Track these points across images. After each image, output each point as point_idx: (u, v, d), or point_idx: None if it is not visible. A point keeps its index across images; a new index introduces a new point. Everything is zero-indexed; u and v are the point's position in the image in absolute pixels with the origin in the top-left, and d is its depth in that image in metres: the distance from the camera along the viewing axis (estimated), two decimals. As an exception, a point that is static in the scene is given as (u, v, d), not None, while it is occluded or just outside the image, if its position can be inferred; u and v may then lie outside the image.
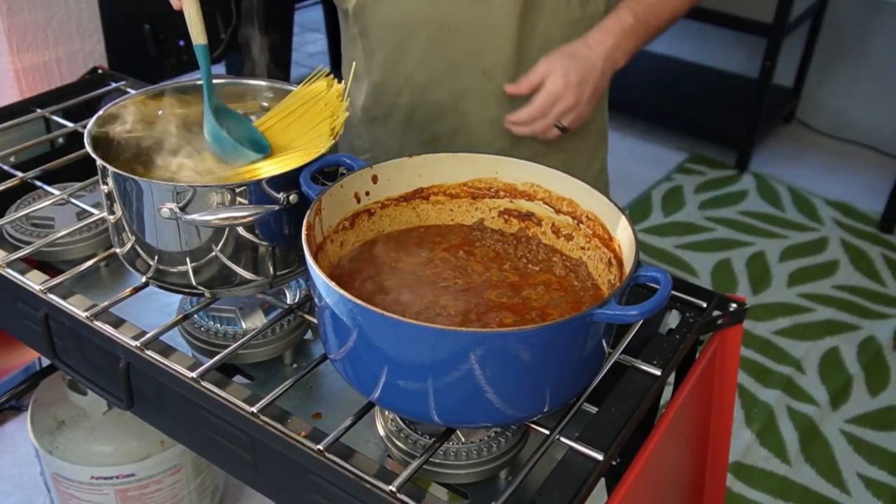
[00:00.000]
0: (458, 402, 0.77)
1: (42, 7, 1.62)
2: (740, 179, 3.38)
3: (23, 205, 1.23)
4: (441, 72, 1.22)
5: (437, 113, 1.25)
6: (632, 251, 0.82)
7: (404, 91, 1.25)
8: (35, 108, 1.38)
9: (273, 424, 0.83)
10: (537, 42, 1.20)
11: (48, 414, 1.54)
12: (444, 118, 1.26)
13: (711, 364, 1.05)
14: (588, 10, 1.21)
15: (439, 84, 1.23)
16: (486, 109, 1.24)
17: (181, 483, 1.60)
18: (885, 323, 2.63)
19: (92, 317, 0.95)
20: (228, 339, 0.99)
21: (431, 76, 1.23)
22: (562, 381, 0.79)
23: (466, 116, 1.25)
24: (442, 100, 1.24)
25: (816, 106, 3.71)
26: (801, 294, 2.74)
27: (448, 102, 1.24)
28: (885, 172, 3.40)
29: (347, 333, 0.77)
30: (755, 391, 2.34)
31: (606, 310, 0.73)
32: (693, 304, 1.03)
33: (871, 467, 2.13)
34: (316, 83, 1.02)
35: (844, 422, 2.27)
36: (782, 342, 2.53)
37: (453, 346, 0.72)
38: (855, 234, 3.07)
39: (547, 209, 0.96)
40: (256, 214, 0.88)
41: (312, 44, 4.31)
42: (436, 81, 1.23)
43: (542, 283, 0.91)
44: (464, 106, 1.24)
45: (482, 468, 0.86)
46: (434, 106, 1.24)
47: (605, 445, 0.82)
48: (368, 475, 0.78)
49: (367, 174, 0.93)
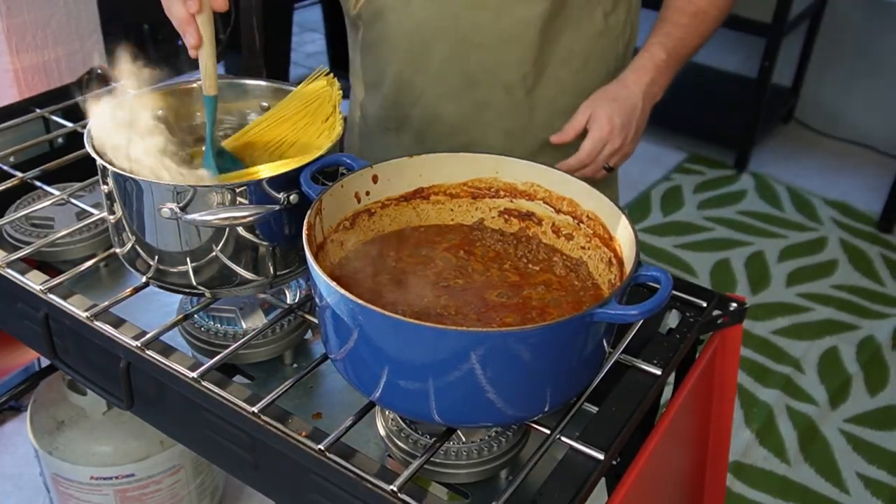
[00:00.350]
0: (458, 401, 0.77)
1: (41, 7, 1.62)
2: (739, 179, 3.38)
3: (22, 205, 1.23)
4: (458, 85, 1.19)
5: (451, 126, 1.23)
6: (632, 251, 0.82)
7: (419, 103, 1.23)
8: (34, 108, 1.38)
9: (274, 424, 0.83)
10: (559, 55, 1.19)
11: (48, 414, 1.54)
12: (459, 131, 1.23)
13: (711, 364, 1.05)
14: (610, 21, 1.20)
15: (456, 97, 1.20)
16: (503, 122, 1.22)
17: (181, 483, 1.60)
18: (884, 322, 2.63)
19: (92, 317, 0.95)
20: (229, 339, 0.99)
21: (448, 89, 1.20)
22: (562, 380, 0.79)
23: (483, 129, 1.23)
24: (458, 113, 1.22)
25: (815, 106, 3.71)
26: (800, 294, 2.75)
27: (464, 116, 1.22)
28: (883, 172, 3.40)
29: (348, 333, 0.77)
30: (754, 391, 2.34)
31: (607, 309, 0.73)
32: (693, 303, 1.03)
33: (871, 466, 2.14)
34: (316, 83, 1.02)
35: (843, 421, 2.27)
36: (781, 342, 2.53)
37: (454, 345, 0.72)
38: (854, 234, 3.07)
39: (547, 209, 0.96)
40: (257, 214, 0.88)
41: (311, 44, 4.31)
42: (452, 94, 1.20)
43: (543, 283, 0.91)
44: (481, 119, 1.22)
45: (483, 468, 0.86)
46: (449, 119, 1.22)
47: (606, 445, 0.82)
48: (369, 475, 0.78)
49: (367, 174, 0.93)
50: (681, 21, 1.19)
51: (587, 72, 1.22)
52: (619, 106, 1.15)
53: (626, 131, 1.16)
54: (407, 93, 1.23)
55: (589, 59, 1.21)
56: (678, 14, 1.20)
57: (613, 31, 1.21)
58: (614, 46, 1.24)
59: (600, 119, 1.15)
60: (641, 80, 1.17)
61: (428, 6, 1.15)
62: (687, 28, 1.19)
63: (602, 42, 1.20)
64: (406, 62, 1.20)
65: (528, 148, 1.23)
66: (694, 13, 1.19)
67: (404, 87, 1.22)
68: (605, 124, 1.14)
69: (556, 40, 1.17)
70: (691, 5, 1.19)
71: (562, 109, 1.22)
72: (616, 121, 1.14)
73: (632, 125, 1.16)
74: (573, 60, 1.18)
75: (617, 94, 1.16)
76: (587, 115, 1.16)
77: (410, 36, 1.18)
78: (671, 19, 1.20)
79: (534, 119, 1.20)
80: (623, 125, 1.15)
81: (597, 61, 1.22)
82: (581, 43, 1.19)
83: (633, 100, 1.16)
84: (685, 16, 1.19)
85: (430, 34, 1.17)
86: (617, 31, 1.22)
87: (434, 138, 1.25)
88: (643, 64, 1.18)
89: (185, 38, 0.92)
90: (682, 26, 1.19)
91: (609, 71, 1.24)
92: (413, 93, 1.22)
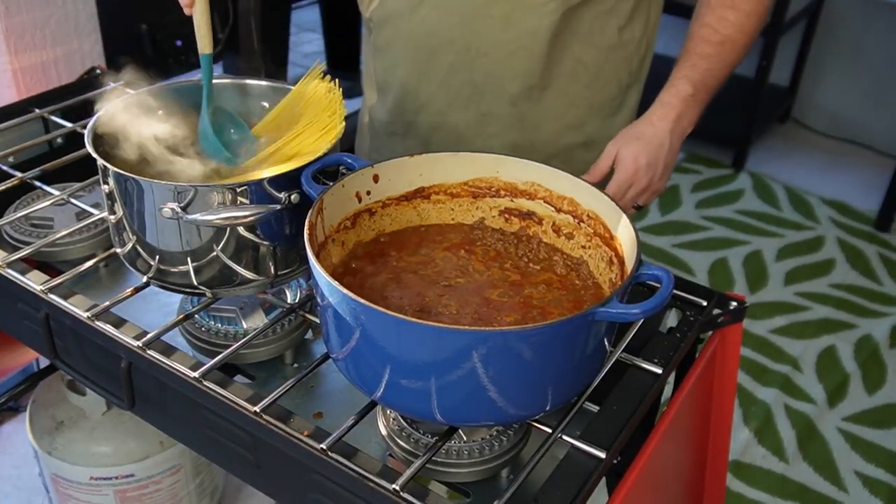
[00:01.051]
0: (461, 400, 0.77)
1: (40, 7, 1.61)
2: (737, 178, 3.38)
3: (21, 205, 1.23)
4: (464, 94, 1.19)
5: (457, 135, 1.22)
6: (633, 250, 0.82)
7: (424, 110, 1.22)
8: (33, 108, 1.38)
9: (276, 424, 0.83)
10: (567, 66, 1.17)
11: (47, 414, 1.54)
12: (464, 140, 1.22)
13: (711, 363, 1.05)
14: (624, 36, 1.18)
15: (462, 106, 1.20)
16: (509, 135, 1.21)
17: (180, 483, 1.60)
18: (882, 321, 2.64)
19: (93, 317, 0.95)
20: (229, 339, 0.99)
21: (454, 98, 1.20)
22: (564, 379, 0.79)
23: (488, 140, 1.22)
24: (463, 122, 1.21)
25: (812, 105, 3.72)
26: (797, 293, 2.75)
27: (469, 126, 1.21)
28: (880, 171, 3.41)
29: (350, 332, 0.77)
30: (753, 389, 2.34)
31: (609, 308, 0.73)
32: (693, 302, 1.03)
33: (869, 465, 2.14)
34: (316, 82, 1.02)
35: (842, 420, 2.27)
36: (779, 341, 2.54)
37: (457, 344, 0.72)
38: (851, 233, 3.08)
39: (548, 208, 0.96)
40: (258, 214, 0.88)
41: (308, 44, 4.31)
42: (458, 103, 1.20)
43: (544, 282, 0.91)
44: (486, 130, 1.21)
45: (484, 467, 0.86)
46: (455, 128, 1.22)
47: (608, 444, 0.82)
48: (372, 474, 0.78)
49: (368, 173, 0.93)
50: (706, 51, 1.15)
51: (597, 86, 1.20)
52: (645, 145, 1.12)
53: (653, 170, 1.13)
54: (413, 99, 1.22)
55: (600, 73, 1.19)
56: (703, 44, 1.15)
57: (628, 47, 1.19)
58: (628, 62, 1.21)
59: (625, 160, 1.12)
60: (668, 115, 1.14)
61: (435, 13, 1.14)
62: (713, 58, 1.14)
63: (615, 56, 1.17)
64: (412, 68, 1.20)
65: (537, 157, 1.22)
66: (720, 42, 1.14)
67: (410, 94, 1.22)
68: (630, 165, 1.12)
69: (564, 52, 1.16)
70: (717, 35, 1.14)
71: (570, 124, 1.21)
72: (642, 161, 1.12)
73: (659, 163, 1.14)
74: (583, 74, 1.16)
75: (642, 132, 1.14)
76: (613, 155, 1.14)
77: (417, 42, 1.17)
78: (696, 50, 1.15)
79: (540, 132, 1.19)
80: (649, 164, 1.13)
81: (608, 76, 1.20)
82: (592, 56, 1.17)
83: (659, 137, 1.13)
84: (710, 45, 1.14)
85: (437, 41, 1.16)
86: (632, 46, 1.19)
87: (439, 146, 1.24)
88: (668, 100, 1.15)
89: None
90: (708, 57, 1.14)
91: (621, 87, 1.22)
92: (419, 100, 1.22)
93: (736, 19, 1.13)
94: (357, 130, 1.40)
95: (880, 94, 3.52)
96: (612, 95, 1.21)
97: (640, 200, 1.16)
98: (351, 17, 3.29)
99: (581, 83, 1.19)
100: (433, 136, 1.24)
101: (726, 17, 1.13)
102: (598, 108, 1.20)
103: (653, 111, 1.15)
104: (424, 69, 1.19)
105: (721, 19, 1.14)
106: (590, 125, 1.23)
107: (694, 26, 1.17)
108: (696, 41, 1.16)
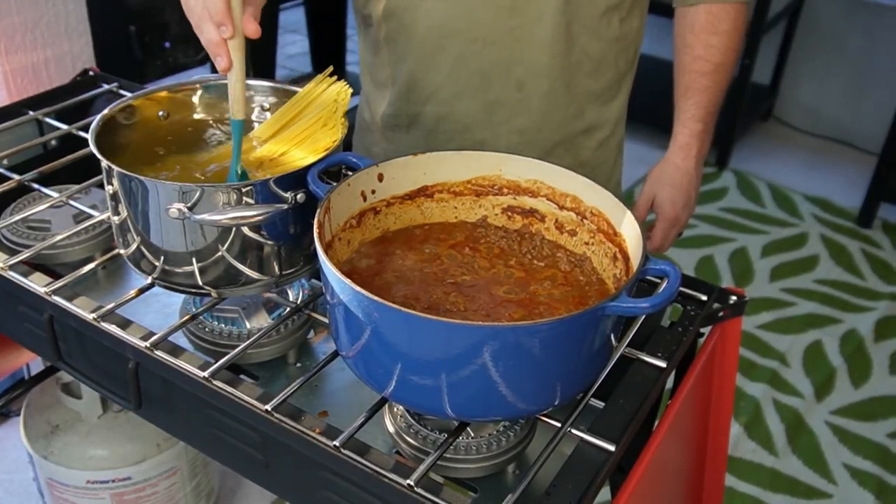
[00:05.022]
0: (471, 396, 0.77)
1: (30, 9, 1.60)
2: (720, 176, 3.41)
3: (17, 208, 1.22)
4: (472, 83, 1.20)
5: (464, 124, 1.23)
6: (639, 245, 0.83)
7: (431, 101, 1.23)
8: (27, 110, 1.37)
9: (287, 422, 0.83)
10: (574, 57, 1.19)
11: (42, 418, 1.53)
12: (472, 129, 1.23)
13: (712, 357, 1.06)
14: (625, 28, 1.21)
15: (469, 95, 1.21)
16: (516, 121, 1.22)
17: (177, 486, 1.59)
18: (866, 316, 2.67)
19: (99, 318, 0.95)
20: (233, 339, 0.99)
21: (462, 87, 1.20)
22: (573, 373, 0.80)
23: (495, 128, 1.23)
24: (470, 111, 1.22)
25: (794, 103, 3.76)
26: (783, 289, 2.78)
27: (477, 114, 1.22)
28: (861, 168, 3.45)
29: (361, 330, 0.77)
30: (741, 385, 2.37)
31: (619, 303, 0.74)
32: (694, 297, 1.04)
33: (857, 457, 2.17)
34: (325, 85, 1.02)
35: (829, 413, 2.30)
36: (767, 336, 2.56)
37: (468, 340, 0.73)
38: (834, 229, 3.12)
39: (550, 205, 0.97)
40: (265, 214, 0.88)
41: (292, 45, 4.30)
42: (466, 92, 1.20)
43: (549, 279, 0.92)
44: (493, 117, 1.22)
45: (491, 462, 0.87)
46: (462, 117, 1.22)
47: (617, 437, 0.83)
48: (385, 470, 0.78)
49: (373, 172, 0.93)
50: (703, 84, 1.22)
51: (597, 75, 1.22)
52: (678, 188, 1.26)
53: (689, 207, 1.29)
54: (419, 90, 1.23)
55: (601, 63, 1.21)
56: (699, 77, 1.22)
57: (628, 37, 1.22)
58: (627, 52, 1.24)
59: (664, 205, 1.27)
60: (689, 155, 1.26)
61: (441, 5, 1.15)
62: (711, 88, 1.23)
63: (616, 47, 1.20)
64: (419, 61, 1.20)
65: (542, 148, 1.23)
66: (713, 70, 1.21)
67: (417, 85, 1.22)
68: (670, 210, 1.27)
69: (573, 42, 1.17)
70: (709, 64, 1.21)
71: (574, 111, 1.22)
72: (679, 203, 1.27)
73: (691, 199, 1.29)
74: (586, 63, 1.19)
75: (672, 178, 1.27)
76: (650, 200, 1.28)
77: (424, 33, 1.18)
78: (694, 85, 1.23)
79: (548, 120, 1.21)
80: (685, 204, 1.28)
81: (608, 66, 1.22)
82: (597, 47, 1.19)
83: (687, 177, 1.27)
84: (706, 77, 1.22)
85: (443, 33, 1.17)
86: (631, 37, 1.22)
87: (445, 136, 1.25)
88: (686, 141, 1.26)
89: (216, 62, 0.91)
90: (707, 89, 1.23)
91: (619, 75, 1.25)
92: (426, 90, 1.22)
93: (720, 43, 1.20)
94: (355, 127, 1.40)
95: (860, 92, 3.57)
96: (610, 83, 1.24)
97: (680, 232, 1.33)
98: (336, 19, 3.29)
99: (584, 72, 1.21)
100: (440, 126, 1.24)
101: (712, 43, 1.20)
102: (598, 95, 1.23)
103: (673, 153, 1.27)
104: (431, 61, 1.20)
105: (709, 47, 1.21)
106: (590, 112, 1.25)
107: (685, 58, 1.23)
108: (692, 76, 1.23)
